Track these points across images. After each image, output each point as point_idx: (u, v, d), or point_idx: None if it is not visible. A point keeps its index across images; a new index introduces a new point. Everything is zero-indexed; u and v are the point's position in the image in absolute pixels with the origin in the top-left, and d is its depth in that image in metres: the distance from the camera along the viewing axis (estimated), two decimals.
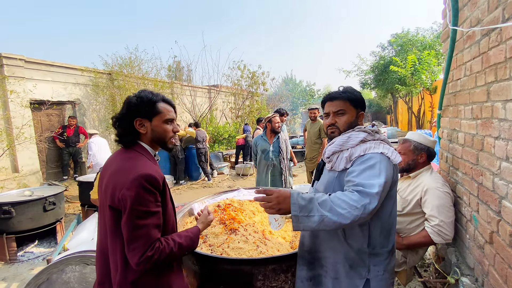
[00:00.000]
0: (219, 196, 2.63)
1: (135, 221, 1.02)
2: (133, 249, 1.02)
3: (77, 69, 7.10)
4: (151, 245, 1.03)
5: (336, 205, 1.04)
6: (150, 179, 1.05)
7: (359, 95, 1.32)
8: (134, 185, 1.03)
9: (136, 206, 1.02)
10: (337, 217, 1.03)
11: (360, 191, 1.06)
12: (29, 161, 6.03)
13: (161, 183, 1.09)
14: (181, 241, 1.14)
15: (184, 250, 1.15)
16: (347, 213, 1.02)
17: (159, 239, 1.07)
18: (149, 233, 1.03)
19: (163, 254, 1.05)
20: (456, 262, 1.80)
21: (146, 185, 1.04)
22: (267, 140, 3.51)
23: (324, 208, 1.04)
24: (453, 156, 1.96)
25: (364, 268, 1.22)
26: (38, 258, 3.46)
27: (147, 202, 1.04)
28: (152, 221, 1.05)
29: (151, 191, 1.05)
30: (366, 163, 1.16)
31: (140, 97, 1.17)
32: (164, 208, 1.13)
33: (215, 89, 12.48)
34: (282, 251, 1.87)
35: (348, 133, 1.27)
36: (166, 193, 1.14)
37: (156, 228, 1.06)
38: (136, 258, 1.02)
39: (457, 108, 1.86)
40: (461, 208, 1.81)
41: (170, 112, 1.22)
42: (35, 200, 3.47)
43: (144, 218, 1.03)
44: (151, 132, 1.18)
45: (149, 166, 1.10)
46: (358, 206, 1.03)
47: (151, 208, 1.05)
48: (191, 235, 1.20)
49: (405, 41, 10.99)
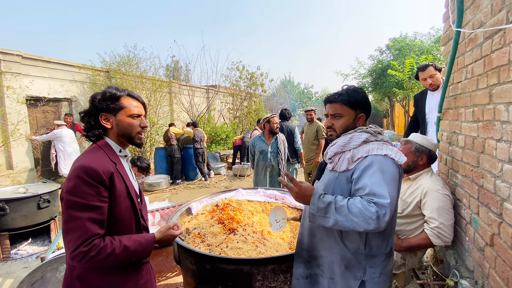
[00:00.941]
0: (218, 195, 2.61)
1: (69, 212, 1.00)
2: (68, 242, 1.00)
3: (74, 66, 7.03)
4: (87, 240, 0.99)
5: (352, 213, 1.06)
6: (89, 171, 1.02)
7: (358, 96, 1.29)
8: (73, 175, 1.02)
9: (71, 197, 1.00)
10: (351, 224, 1.07)
11: (376, 203, 1.07)
12: (24, 158, 5.95)
13: (105, 177, 1.05)
14: (128, 244, 1.08)
15: (131, 255, 1.09)
16: (361, 222, 1.05)
17: (101, 236, 1.03)
18: (85, 227, 0.99)
19: (102, 253, 1.00)
20: (455, 264, 1.80)
21: (84, 177, 1.01)
22: (265, 141, 3.50)
23: (339, 214, 1.08)
24: (452, 158, 1.97)
25: (360, 269, 1.21)
26: (32, 256, 3.41)
27: (85, 194, 1.00)
28: (90, 215, 1.00)
29: (91, 184, 1.01)
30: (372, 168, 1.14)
31: (104, 92, 1.19)
32: (115, 205, 1.09)
33: (213, 89, 12.46)
34: (280, 252, 1.85)
35: (350, 134, 1.26)
36: (116, 190, 1.09)
37: (95, 223, 1.02)
38: (69, 251, 0.99)
39: (458, 110, 1.87)
40: (461, 210, 1.81)
41: (136, 107, 1.22)
42: (29, 197, 3.42)
43: (80, 210, 0.99)
44: (116, 127, 1.19)
45: (97, 160, 1.07)
46: (373, 218, 1.04)
47: (89, 201, 1.01)
48: (142, 240, 1.14)
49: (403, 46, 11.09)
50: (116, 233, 1.11)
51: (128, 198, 1.16)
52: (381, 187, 1.09)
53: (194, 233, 1.92)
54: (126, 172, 1.21)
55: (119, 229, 1.13)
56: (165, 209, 3.67)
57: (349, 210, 1.07)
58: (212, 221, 2.03)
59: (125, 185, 1.15)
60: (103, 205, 1.05)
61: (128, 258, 1.09)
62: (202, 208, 2.38)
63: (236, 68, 11.69)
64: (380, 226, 1.05)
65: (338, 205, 1.10)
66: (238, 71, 11.72)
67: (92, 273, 1.09)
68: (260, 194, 2.62)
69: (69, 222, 1.01)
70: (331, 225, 1.09)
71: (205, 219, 2.13)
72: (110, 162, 1.13)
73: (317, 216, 1.12)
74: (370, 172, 1.14)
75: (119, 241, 1.07)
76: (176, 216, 2.13)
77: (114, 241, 1.06)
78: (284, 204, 2.48)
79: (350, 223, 1.06)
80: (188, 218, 2.25)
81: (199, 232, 1.93)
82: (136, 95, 1.26)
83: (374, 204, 1.06)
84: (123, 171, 1.19)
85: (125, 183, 1.16)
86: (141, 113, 1.24)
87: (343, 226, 1.08)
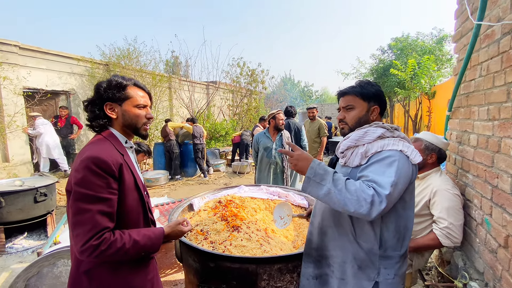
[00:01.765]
0: (220, 192, 2.55)
1: (78, 204, 0.95)
2: (76, 235, 0.95)
3: (73, 58, 6.92)
4: (98, 233, 0.95)
5: (347, 189, 1.03)
6: (99, 162, 0.97)
7: (372, 88, 1.25)
8: (81, 167, 0.97)
9: (80, 189, 0.95)
10: (342, 199, 1.02)
11: (375, 188, 1.03)
12: (20, 151, 5.86)
13: (115, 168, 1.01)
14: (138, 238, 1.04)
15: (140, 250, 1.05)
16: (354, 201, 1.01)
17: (110, 229, 0.99)
18: (95, 220, 0.95)
19: (112, 247, 0.96)
20: (464, 266, 1.76)
21: (94, 168, 0.97)
22: (269, 137, 3.43)
23: (335, 185, 1.04)
24: (462, 158, 1.92)
25: (374, 270, 1.17)
26: (27, 250, 3.35)
27: (95, 186, 0.96)
28: (100, 208, 0.96)
29: (101, 175, 0.97)
30: (383, 161, 1.11)
31: (110, 81, 1.14)
32: (123, 198, 1.05)
33: (213, 86, 12.36)
34: (285, 250, 1.81)
35: (365, 128, 1.21)
36: (125, 181, 1.05)
37: (106, 216, 0.98)
38: (78, 245, 0.94)
39: (470, 109, 1.82)
40: (471, 211, 1.77)
41: (142, 98, 1.18)
42: (26, 190, 3.35)
43: (89, 203, 0.95)
44: (121, 117, 1.14)
45: (105, 150, 1.03)
46: (368, 201, 1.00)
47: (99, 194, 0.96)
48: (151, 235, 1.09)
49: (405, 45, 11.03)
50: (124, 227, 1.07)
51: (136, 190, 1.12)
52: (384, 177, 1.06)
53: (197, 229, 1.87)
54: (133, 163, 1.17)
55: (127, 222, 1.09)
56: (165, 205, 3.61)
57: (345, 185, 1.04)
58: (215, 217, 1.97)
59: (133, 177, 1.12)
60: (113, 197, 1.01)
61: (138, 253, 1.05)
62: (204, 204, 2.32)
63: (237, 65, 11.60)
64: (371, 213, 1.00)
65: (336, 177, 1.07)
66: (239, 67, 11.64)
67: (100, 269, 1.05)
68: (263, 191, 2.57)
69: (78, 215, 0.96)
70: (323, 193, 1.05)
71: (207, 216, 2.07)
72: (118, 153, 1.09)
73: (312, 181, 1.08)
74: (379, 164, 1.11)
75: (129, 235, 1.03)
76: (177, 212, 2.07)
77: (124, 235, 1.02)
78: (287, 202, 2.43)
79: (342, 197, 1.02)
80: (190, 214, 2.20)
81: (201, 229, 1.88)
82: (142, 85, 1.22)
83: (373, 188, 1.04)
84: (131, 162, 1.15)
85: (133, 174, 1.12)
86: (147, 104, 1.21)
87: (334, 199, 1.03)
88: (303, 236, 2.14)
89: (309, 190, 1.09)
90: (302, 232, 2.18)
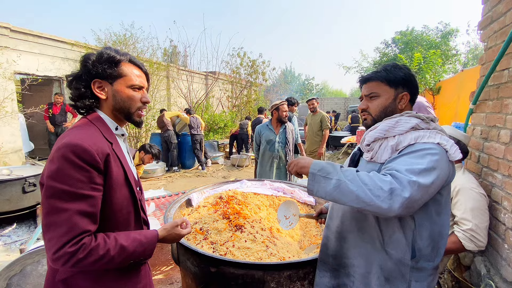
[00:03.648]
0: (221, 186, 2.38)
1: (52, 202, 0.77)
2: (49, 240, 0.77)
3: (67, 42, 6.62)
4: (75, 238, 0.77)
5: (360, 179, 0.89)
6: (79, 151, 0.79)
7: (400, 72, 1.07)
8: (57, 156, 0.79)
9: (54, 183, 0.77)
10: (357, 188, 0.88)
11: (393, 174, 0.88)
12: (11, 138, 5.63)
13: (99, 159, 0.83)
14: (126, 244, 0.86)
15: (128, 257, 0.87)
16: (368, 191, 0.86)
17: (92, 233, 0.82)
18: (72, 222, 0.77)
19: (93, 254, 0.79)
20: (487, 273, 1.61)
21: (73, 158, 0.78)
22: (273, 130, 3.24)
23: (345, 175, 0.92)
24: (489, 156, 1.75)
25: (404, 283, 1.02)
26: (16, 243, 3.18)
27: (73, 180, 0.78)
28: (79, 207, 0.79)
29: (81, 166, 0.79)
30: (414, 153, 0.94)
31: (101, 53, 0.95)
32: (110, 194, 0.87)
33: (212, 76, 12.06)
34: (291, 252, 1.65)
35: (396, 117, 1.03)
36: (112, 175, 0.87)
37: (86, 217, 0.80)
38: (51, 252, 0.77)
39: (501, 101, 1.64)
40: (499, 214, 1.61)
41: (138, 77, 0.99)
42: (14, 180, 3.18)
43: (66, 201, 0.78)
44: (112, 98, 0.96)
45: (89, 137, 0.84)
46: (385, 189, 0.84)
47: (78, 190, 0.79)
48: (143, 239, 0.91)
49: (410, 39, 10.79)
50: (111, 228, 0.90)
51: (127, 186, 0.94)
52: (412, 165, 0.89)
53: (196, 228, 1.69)
54: (124, 154, 0.98)
55: (115, 223, 0.91)
56: (161, 198, 3.43)
57: (358, 175, 0.91)
58: (215, 215, 1.80)
59: (123, 170, 0.93)
60: (96, 194, 0.83)
61: (125, 261, 0.87)
62: (203, 200, 2.15)
63: (237, 55, 11.28)
64: (393, 205, 0.83)
65: (344, 168, 0.95)
66: (239, 57, 11.32)
67: (80, 277, 0.88)
68: (266, 186, 2.40)
69: (51, 215, 0.77)
70: (332, 187, 0.91)
71: (207, 213, 1.90)
72: (105, 141, 0.90)
73: (317, 176, 0.95)
74: (408, 156, 0.95)
75: (115, 240, 0.85)
76: (174, 208, 1.90)
77: (108, 239, 0.84)
78: (293, 198, 2.26)
79: (356, 187, 0.87)
80: (188, 210, 2.02)
81: (201, 227, 1.71)
82: (139, 63, 1.02)
83: (390, 175, 0.88)
84: (121, 153, 0.95)
85: (123, 167, 0.93)
86: (143, 85, 1.01)
87: (346, 190, 0.89)
88: (309, 236, 1.99)
89: (316, 187, 0.95)
90: (309, 232, 2.02)
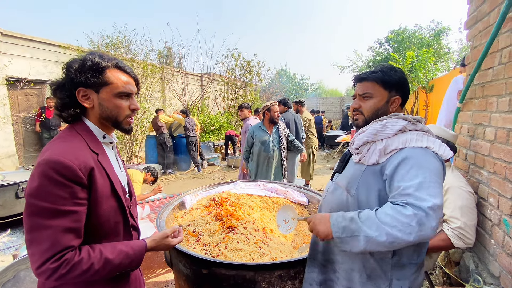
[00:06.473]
0: (214, 188, 2.39)
1: (34, 220, 0.77)
2: (32, 254, 0.78)
3: (59, 46, 6.57)
4: (57, 254, 0.77)
5: (384, 223, 0.86)
6: (60, 168, 0.78)
7: (395, 75, 1.08)
8: (37, 172, 0.78)
9: (35, 201, 0.77)
10: (386, 238, 0.85)
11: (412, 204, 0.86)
12: (4, 143, 5.58)
13: (82, 174, 0.81)
14: (111, 257, 0.85)
15: (114, 269, 0.87)
16: (398, 232, 0.84)
17: (74, 247, 0.81)
18: (55, 238, 0.77)
19: (76, 269, 0.79)
20: (476, 269, 1.65)
21: (53, 175, 0.77)
22: (266, 130, 3.26)
23: (369, 227, 0.89)
24: (475, 153, 1.79)
25: (385, 281, 1.04)
26: (10, 249, 3.16)
27: (55, 197, 0.77)
28: (61, 223, 0.78)
29: (62, 183, 0.78)
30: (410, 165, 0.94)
31: (84, 60, 0.90)
32: (95, 207, 0.86)
33: (207, 77, 12.05)
34: (284, 252, 1.66)
35: (384, 120, 1.06)
36: (97, 188, 0.86)
37: (69, 233, 0.79)
38: (34, 267, 0.77)
39: (486, 100, 1.68)
40: (485, 210, 1.64)
41: (126, 84, 0.95)
42: (6, 185, 3.16)
43: (47, 218, 0.77)
44: (98, 107, 0.92)
45: (72, 151, 0.83)
46: (413, 224, 0.83)
47: (60, 206, 0.78)
48: (130, 251, 0.90)
49: (403, 38, 10.89)
50: (100, 238, 0.89)
51: (113, 197, 0.92)
52: (420, 189, 0.88)
53: (188, 230, 1.70)
54: (110, 164, 0.96)
55: (103, 233, 0.91)
56: (156, 201, 3.43)
57: (379, 219, 0.87)
58: (208, 217, 1.81)
59: (109, 182, 0.91)
60: (80, 209, 0.81)
61: (111, 273, 0.87)
62: (197, 202, 2.16)
63: (232, 56, 11.27)
64: (427, 233, 0.83)
65: (363, 218, 0.91)
66: (234, 58, 11.31)
67: (68, 286, 0.88)
68: (260, 187, 2.41)
69: (33, 232, 0.77)
70: (364, 244, 0.88)
71: (200, 215, 1.91)
72: (90, 153, 0.88)
73: (344, 239, 0.92)
74: (405, 170, 0.94)
75: (100, 253, 0.84)
76: (167, 211, 1.91)
77: (93, 253, 0.83)
78: (286, 199, 2.28)
79: (385, 236, 0.84)
80: (181, 213, 2.03)
81: (194, 229, 1.72)
82: (127, 68, 0.98)
83: (409, 206, 0.86)
84: (107, 163, 0.94)
85: (109, 178, 0.91)
86: (131, 91, 0.97)
87: (378, 244, 0.86)
88: (303, 235, 2.00)
89: (348, 248, 0.94)
90: (302, 232, 2.04)
